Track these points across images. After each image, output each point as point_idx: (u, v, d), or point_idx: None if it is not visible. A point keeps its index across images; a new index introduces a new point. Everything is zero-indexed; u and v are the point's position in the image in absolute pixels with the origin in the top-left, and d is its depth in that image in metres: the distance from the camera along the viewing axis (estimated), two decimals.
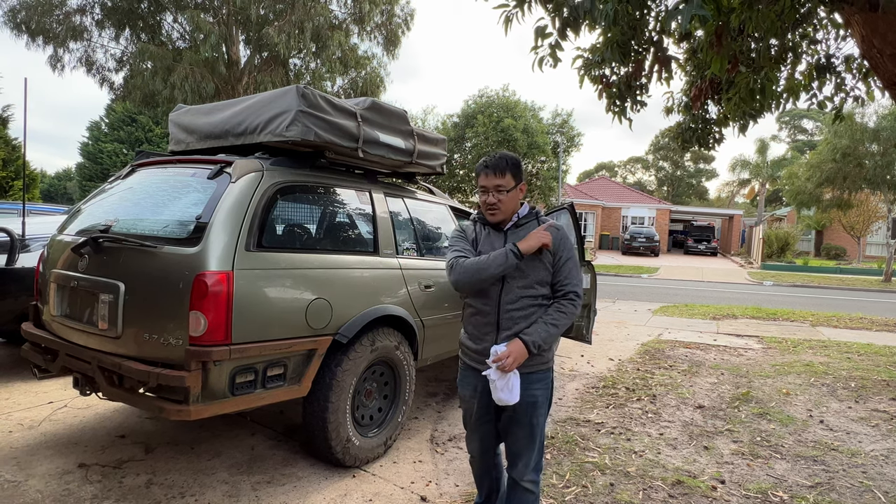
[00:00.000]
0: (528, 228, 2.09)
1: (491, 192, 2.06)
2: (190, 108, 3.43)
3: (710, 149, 5.41)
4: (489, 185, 2.05)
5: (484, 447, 2.23)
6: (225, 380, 2.38)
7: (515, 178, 2.07)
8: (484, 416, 2.15)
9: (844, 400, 4.61)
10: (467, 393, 2.18)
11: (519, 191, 2.10)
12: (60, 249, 2.96)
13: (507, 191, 2.05)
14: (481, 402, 2.12)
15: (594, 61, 4.03)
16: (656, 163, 59.07)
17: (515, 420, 2.08)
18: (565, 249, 2.06)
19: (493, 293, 2.05)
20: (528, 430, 2.08)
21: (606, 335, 7.31)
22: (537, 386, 2.06)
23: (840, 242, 30.99)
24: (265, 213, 2.62)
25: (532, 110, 24.01)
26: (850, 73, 4.28)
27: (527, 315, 2.02)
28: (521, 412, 2.05)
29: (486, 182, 2.06)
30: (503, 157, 2.06)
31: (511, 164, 2.06)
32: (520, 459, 2.11)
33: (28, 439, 3.16)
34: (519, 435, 2.09)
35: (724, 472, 3.12)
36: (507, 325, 2.02)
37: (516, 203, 2.12)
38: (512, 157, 2.07)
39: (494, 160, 2.06)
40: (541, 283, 2.04)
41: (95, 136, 34.84)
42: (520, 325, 2.01)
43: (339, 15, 15.93)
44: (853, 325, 8.87)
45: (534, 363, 2.03)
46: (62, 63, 14.82)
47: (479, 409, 2.14)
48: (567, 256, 2.06)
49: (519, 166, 2.09)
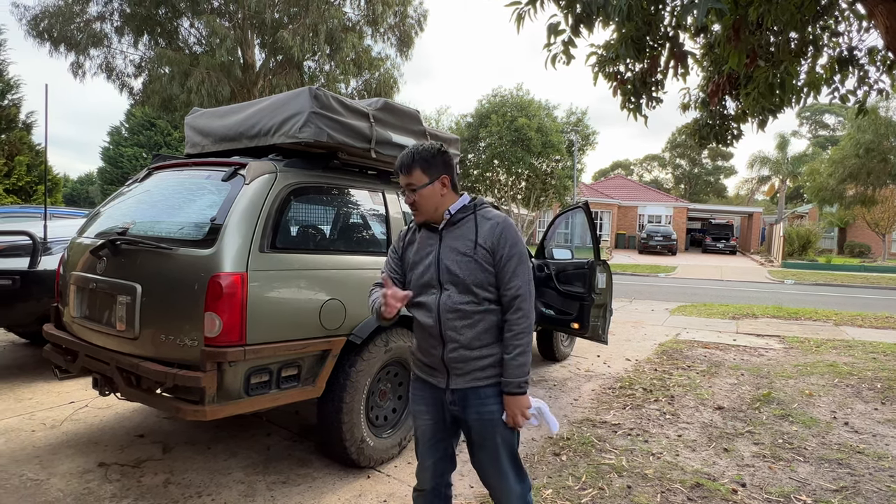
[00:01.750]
0: (464, 225, 1.82)
1: (406, 192, 1.84)
2: (205, 111, 3.46)
3: (728, 145, 5.31)
4: (403, 185, 1.84)
5: (437, 473, 1.91)
6: (240, 380, 2.39)
7: (428, 174, 1.80)
8: (438, 435, 1.89)
9: (870, 401, 4.49)
10: (420, 408, 1.91)
11: (440, 185, 1.82)
12: (80, 252, 3.01)
13: (416, 188, 1.81)
14: (436, 417, 1.88)
15: (608, 58, 3.98)
16: (673, 160, 58.36)
17: (478, 443, 1.83)
18: (507, 245, 1.76)
19: (430, 304, 1.80)
20: (492, 455, 1.82)
21: (623, 335, 7.23)
22: (492, 401, 1.77)
23: (864, 240, 30.26)
24: (279, 215, 2.63)
25: (546, 109, 23.88)
26: (873, 65, 4.17)
27: (471, 324, 1.76)
28: (479, 432, 1.81)
29: (401, 181, 1.86)
30: (410, 153, 1.83)
31: (419, 159, 1.80)
32: (495, 491, 1.88)
33: (50, 438, 3.23)
34: (485, 461, 1.85)
35: (745, 474, 3.06)
36: (452, 336, 1.77)
37: (438, 199, 1.83)
38: (421, 151, 1.81)
39: (400, 157, 1.84)
40: (480, 286, 1.76)
41: (116, 140, 35.54)
42: (465, 334, 1.76)
43: (353, 17, 16.04)
44: (879, 324, 8.64)
45: (488, 375, 1.77)
46: (83, 70, 15.19)
47: (434, 426, 1.88)
48: (509, 254, 1.75)
49: (431, 159, 1.81)
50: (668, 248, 28.06)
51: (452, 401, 1.83)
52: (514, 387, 1.73)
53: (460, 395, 1.81)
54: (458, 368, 1.80)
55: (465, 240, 1.79)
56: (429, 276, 1.82)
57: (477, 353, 1.78)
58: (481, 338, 1.78)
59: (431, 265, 1.82)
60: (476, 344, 1.78)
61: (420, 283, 1.85)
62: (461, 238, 1.80)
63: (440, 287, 1.80)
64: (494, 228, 1.78)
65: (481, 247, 1.77)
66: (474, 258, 1.76)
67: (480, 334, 1.77)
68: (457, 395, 1.81)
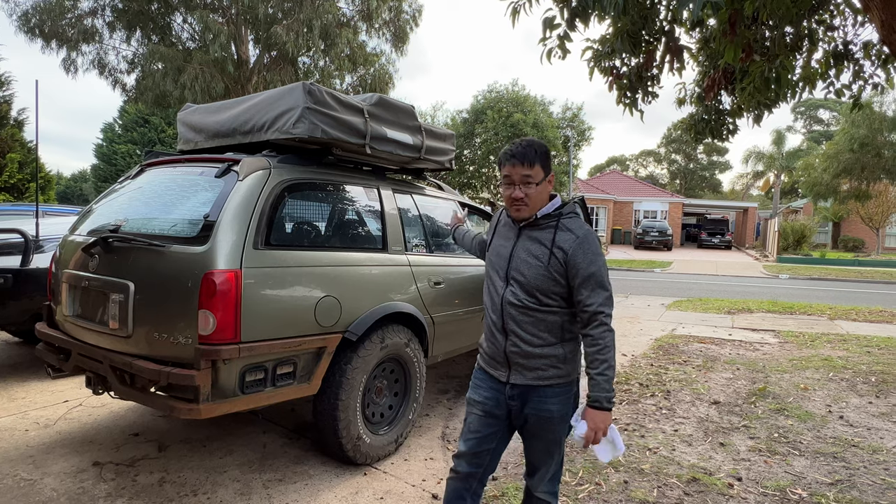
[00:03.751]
0: (544, 229, 1.81)
1: (517, 185, 1.78)
2: (198, 107, 3.43)
3: (723, 140, 5.31)
4: (515, 176, 1.77)
5: (473, 464, 1.91)
6: (235, 378, 2.38)
7: (545, 170, 1.80)
8: (483, 431, 1.90)
9: (865, 395, 4.52)
10: (475, 397, 1.94)
11: (548, 183, 1.82)
12: (72, 250, 2.98)
13: (536, 183, 1.77)
14: (487, 411, 1.90)
15: (604, 53, 3.97)
16: (668, 156, 58.47)
17: (531, 433, 1.90)
18: (586, 261, 1.73)
19: (496, 297, 1.86)
20: (544, 445, 1.89)
21: (619, 330, 7.24)
22: (553, 401, 1.82)
23: (858, 234, 30.43)
24: (273, 211, 2.61)
25: (542, 105, 23.88)
26: (868, 59, 4.17)
27: (535, 321, 1.79)
28: (535, 426, 1.87)
29: (511, 172, 1.78)
30: (531, 145, 1.78)
31: (541, 153, 1.78)
32: (536, 471, 1.95)
33: (44, 438, 3.20)
34: (536, 447, 1.91)
35: (741, 469, 3.07)
36: (513, 330, 1.81)
37: (545, 198, 1.83)
38: (541, 145, 1.80)
39: (522, 148, 1.77)
40: (543, 293, 1.77)
41: (109, 137, 35.28)
42: (527, 329, 1.79)
43: (347, 12, 15.93)
44: (873, 318, 8.69)
45: (550, 376, 1.81)
46: (75, 65, 15.00)
47: (481, 420, 1.90)
48: (588, 271, 1.72)
49: (547, 155, 1.82)
50: (664, 243, 28.15)
51: (512, 395, 1.87)
52: (605, 401, 1.73)
53: (520, 391, 1.86)
54: (520, 364, 1.84)
55: (541, 245, 1.81)
56: (500, 268, 1.88)
57: (539, 351, 1.81)
58: (541, 336, 1.81)
59: (504, 259, 1.87)
60: (537, 342, 1.81)
61: (491, 271, 1.92)
62: (538, 242, 1.81)
63: (507, 281, 1.84)
64: (573, 242, 1.76)
65: (555, 257, 1.76)
66: (547, 266, 1.77)
67: (541, 332, 1.81)
68: (516, 391, 1.86)
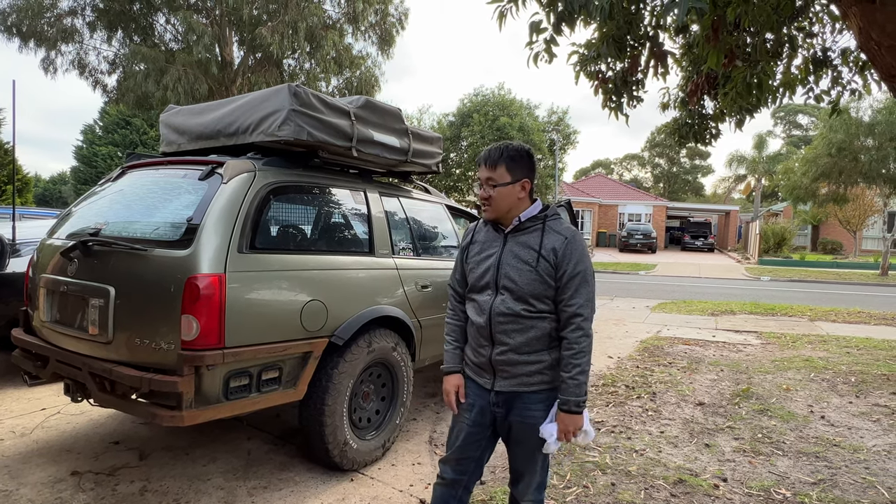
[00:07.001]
0: (530, 233, 1.83)
1: (483, 185, 1.86)
2: (181, 108, 3.38)
3: (706, 144, 5.38)
4: (481, 177, 1.86)
5: (459, 471, 1.93)
6: (219, 384, 2.33)
7: (512, 173, 1.81)
8: (470, 439, 1.90)
9: (845, 395, 4.60)
10: (464, 407, 1.93)
11: (520, 188, 1.83)
12: (50, 254, 2.91)
13: (496, 186, 1.82)
14: (476, 422, 1.89)
15: (590, 57, 3.99)
16: (652, 159, 59.12)
17: (516, 440, 1.89)
18: (573, 261, 1.75)
19: (484, 305, 1.84)
20: (529, 452, 1.87)
21: (605, 333, 7.28)
22: (537, 407, 1.81)
23: (836, 237, 31.06)
24: (258, 214, 2.57)
25: (528, 108, 24.03)
26: (846, 66, 4.25)
27: (522, 329, 1.78)
28: (519, 433, 1.86)
29: (480, 173, 1.87)
30: (499, 148, 1.84)
31: (507, 157, 1.81)
32: (521, 478, 1.93)
33: (20, 447, 3.11)
34: (520, 454, 1.90)
35: (726, 469, 3.09)
36: (501, 339, 1.80)
37: (514, 201, 1.84)
38: (512, 150, 1.83)
39: (489, 151, 1.85)
40: (536, 298, 1.77)
41: (90, 139, 34.68)
42: (515, 339, 1.78)
43: (333, 15, 15.88)
44: (851, 319, 8.87)
45: (535, 382, 1.80)
46: (54, 66, 14.73)
47: (470, 430, 1.90)
48: (573, 271, 1.75)
49: (519, 160, 1.83)
50: (648, 246, 28.41)
51: (497, 402, 1.86)
52: (574, 405, 1.74)
53: (504, 397, 1.85)
54: (505, 371, 1.83)
55: (528, 249, 1.81)
56: (487, 279, 1.86)
57: (525, 359, 1.81)
58: (531, 344, 1.80)
59: (491, 268, 1.85)
60: (525, 349, 1.80)
61: (478, 284, 1.88)
62: (525, 246, 1.82)
63: (496, 290, 1.82)
64: (561, 243, 1.78)
65: (544, 259, 1.77)
66: (536, 269, 1.77)
67: (531, 340, 1.80)
68: (501, 398, 1.85)
